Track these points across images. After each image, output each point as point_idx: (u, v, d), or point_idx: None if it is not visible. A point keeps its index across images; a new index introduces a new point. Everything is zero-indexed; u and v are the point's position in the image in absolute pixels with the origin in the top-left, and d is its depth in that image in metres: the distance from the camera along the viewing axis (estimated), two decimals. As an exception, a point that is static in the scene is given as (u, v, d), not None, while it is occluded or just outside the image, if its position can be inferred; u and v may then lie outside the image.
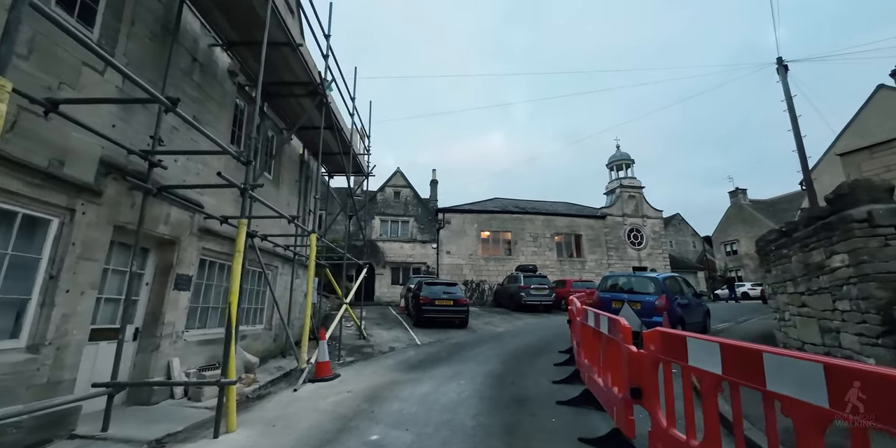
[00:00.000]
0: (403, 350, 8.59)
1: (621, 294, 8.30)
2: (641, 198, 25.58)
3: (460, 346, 8.66)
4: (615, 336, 3.17)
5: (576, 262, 23.51)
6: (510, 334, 10.46)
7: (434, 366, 6.64)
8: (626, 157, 26.44)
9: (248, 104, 7.06)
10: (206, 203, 5.55)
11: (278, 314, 7.28)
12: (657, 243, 25.04)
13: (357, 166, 10.56)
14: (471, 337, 10.15)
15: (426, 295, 12.01)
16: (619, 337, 3.03)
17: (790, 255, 4.91)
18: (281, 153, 8.33)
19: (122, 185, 4.14)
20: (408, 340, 9.83)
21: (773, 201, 34.94)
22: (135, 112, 4.35)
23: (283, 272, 8.25)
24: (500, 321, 13.39)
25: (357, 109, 9.44)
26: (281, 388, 5.68)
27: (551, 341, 8.98)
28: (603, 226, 24.43)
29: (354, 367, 7.01)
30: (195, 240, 5.41)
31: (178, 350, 5.07)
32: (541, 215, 23.99)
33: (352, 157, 9.05)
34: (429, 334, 10.62)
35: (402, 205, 23.32)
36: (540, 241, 23.37)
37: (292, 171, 8.81)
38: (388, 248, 22.24)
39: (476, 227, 22.98)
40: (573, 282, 18.21)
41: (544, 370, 6.03)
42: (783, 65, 14.72)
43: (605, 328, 3.45)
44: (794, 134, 14.22)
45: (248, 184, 4.30)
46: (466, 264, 22.28)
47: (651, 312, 7.63)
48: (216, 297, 6.18)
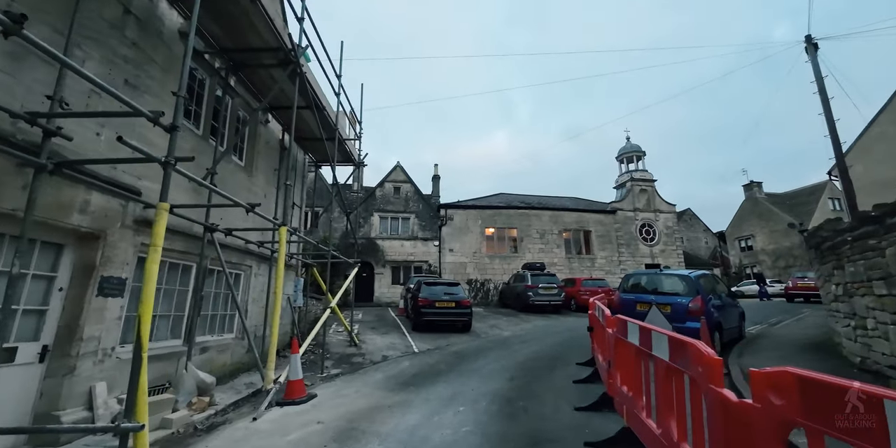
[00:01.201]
0: (398, 360, 7.55)
1: (647, 295, 7.20)
2: (653, 191, 24.35)
3: (462, 356, 7.60)
4: (685, 367, 2.10)
5: (585, 260, 22.36)
6: (518, 339, 9.39)
7: (429, 382, 5.59)
8: (636, 149, 25.20)
9: (211, 76, 6.03)
10: (146, 188, 4.53)
11: (245, 321, 6.26)
12: (670, 239, 23.82)
13: (346, 154, 9.52)
14: (474, 343, 9.09)
15: (425, 296, 10.96)
16: (696, 371, 1.96)
17: (882, 248, 3.83)
18: (256, 137, 7.31)
19: (8, 160, 3.12)
20: (404, 347, 8.80)
21: (790, 195, 33.50)
22: (27, 64, 3.32)
23: (260, 272, 7.23)
24: (507, 324, 12.32)
25: (344, 89, 8.39)
26: (242, 415, 4.66)
27: (566, 349, 7.90)
28: (613, 221, 23.25)
29: (337, 382, 5.98)
30: (131, 234, 4.39)
31: (106, 371, 4.06)
32: (548, 211, 22.84)
33: (337, 141, 8.00)
34: (428, 340, 9.58)
35: (402, 201, 22.28)
36: (547, 238, 22.25)
37: (270, 158, 7.78)
38: (387, 247, 21.23)
39: (480, 224, 21.89)
40: (583, 280, 17.11)
41: (562, 390, 4.96)
42: (812, 43, 13.47)
43: (663, 352, 2.38)
44: (825, 118, 12.97)
45: (170, 156, 3.26)
46: (470, 262, 21.22)
47: (684, 317, 6.53)
48: (169, 304, 5.17)
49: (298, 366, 5.10)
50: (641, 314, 6.93)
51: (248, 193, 6.86)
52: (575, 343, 8.54)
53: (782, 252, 29.56)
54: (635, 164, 25.15)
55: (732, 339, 7.55)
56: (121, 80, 4.30)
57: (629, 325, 3.05)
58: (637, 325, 2.88)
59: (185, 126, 5.40)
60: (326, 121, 7.78)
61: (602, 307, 4.75)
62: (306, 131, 8.28)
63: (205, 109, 5.92)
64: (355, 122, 9.91)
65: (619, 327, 3.36)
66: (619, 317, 3.41)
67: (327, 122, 7.84)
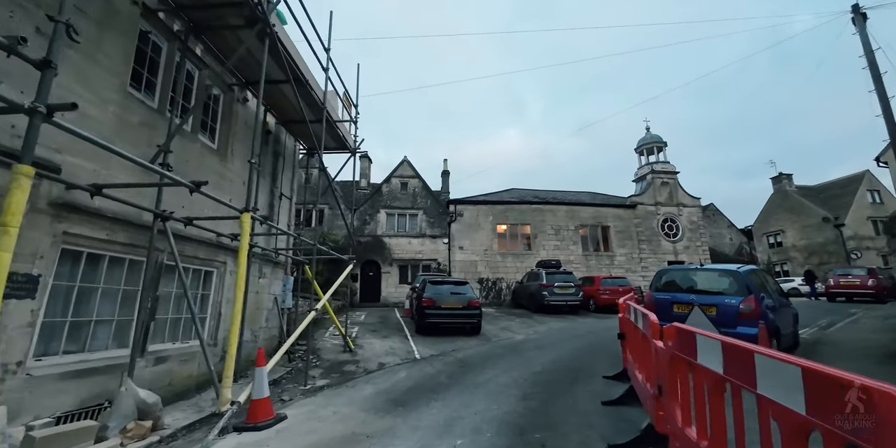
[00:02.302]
0: (394, 369, 6.61)
1: (685, 294, 6.08)
2: (676, 184, 22.90)
3: (468, 365, 6.62)
4: (858, 434, 1.08)
5: (603, 257, 21.08)
6: (533, 345, 8.35)
7: (425, 401, 4.63)
8: (657, 140, 23.76)
9: (169, 41, 5.18)
10: (74, 166, 3.69)
11: (216, 325, 5.39)
12: (695, 235, 22.35)
13: (340, 140, 8.61)
14: (483, 349, 8.10)
15: (430, 296, 10.01)
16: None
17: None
18: (231, 117, 6.46)
19: None
20: (404, 354, 7.86)
21: (822, 187, 31.48)
22: None
23: (237, 270, 6.35)
24: (520, 326, 11.27)
25: (335, 65, 7.48)
26: (192, 442, 3.78)
27: (588, 357, 6.84)
28: (633, 216, 21.90)
29: (318, 398, 5.07)
30: (47, 221, 3.54)
31: (9, 393, 3.21)
32: (563, 205, 21.64)
33: (326, 121, 7.10)
34: (432, 344, 8.63)
35: (409, 197, 21.38)
36: (562, 234, 21.05)
37: (250, 141, 6.89)
38: (394, 245, 20.35)
39: (491, 220, 20.83)
40: (602, 278, 15.91)
41: (589, 415, 3.93)
42: (861, 12, 12.04)
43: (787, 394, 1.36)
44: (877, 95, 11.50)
45: (39, 102, 2.37)
46: (481, 261, 20.18)
47: (733, 320, 5.42)
48: (111, 306, 4.32)
49: (264, 382, 4.20)
50: (679, 317, 5.84)
51: (220, 179, 6.01)
52: (598, 349, 7.47)
53: (815, 248, 27.67)
54: (656, 155, 23.72)
55: (787, 346, 6.38)
56: (31, 28, 3.45)
57: (701, 340, 2.03)
58: (719, 342, 1.85)
59: (133, 95, 4.55)
60: (311, 98, 6.88)
61: (641, 310, 3.70)
62: (291, 112, 7.40)
63: (161, 79, 5.07)
64: (350, 105, 9.00)
65: (679, 341, 2.34)
66: (679, 326, 2.39)
67: (312, 100, 6.94)
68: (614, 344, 7.57)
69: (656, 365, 2.74)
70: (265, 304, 7.26)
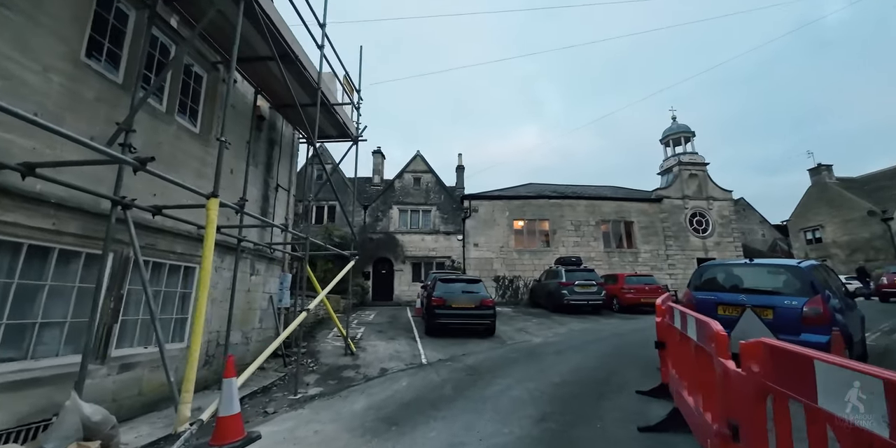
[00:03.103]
0: (396, 376, 5.95)
1: (733, 294, 5.17)
2: (705, 176, 21.49)
3: (478, 372, 5.89)
4: None
5: (627, 254, 19.94)
6: (552, 349, 7.55)
7: (423, 420, 3.92)
8: (684, 130, 22.38)
9: (138, 9, 4.61)
10: (5, 142, 3.13)
11: (180, 329, 4.80)
12: (727, 230, 20.92)
13: (340, 127, 7.98)
14: (496, 353, 7.35)
15: (440, 295, 9.31)
16: None
17: None
18: (216, 98, 5.89)
19: None
20: (410, 358, 7.19)
21: (866, 179, 29.21)
22: None
23: (223, 266, 5.81)
24: (538, 327, 10.45)
25: (331, 43, 6.83)
26: (144, 468, 3.18)
27: (615, 364, 6.01)
28: (659, 210, 20.65)
29: (304, 411, 4.44)
30: (-34, 205, 2.99)
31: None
32: (583, 200, 20.57)
33: (320, 104, 6.46)
34: (441, 347, 7.93)
35: (422, 192, 20.71)
36: (583, 230, 20.01)
37: (238, 126, 6.34)
38: (407, 241, 19.74)
39: (507, 216, 19.96)
40: (627, 276, 14.87)
41: (622, 444, 3.14)
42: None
43: None
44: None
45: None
46: (497, 258, 19.36)
47: (796, 326, 4.50)
48: (57, 307, 3.77)
49: (234, 396, 3.57)
50: (726, 321, 4.94)
51: (202, 166, 5.44)
52: (625, 355, 6.61)
53: (859, 244, 25.66)
54: (683, 146, 22.34)
55: (857, 355, 5.39)
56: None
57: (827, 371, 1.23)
58: (881, 381, 1.07)
59: (89, 66, 3.99)
60: (304, 78, 6.25)
61: (694, 316, 2.88)
62: (284, 95, 6.79)
63: (127, 51, 4.50)
64: (352, 89, 8.36)
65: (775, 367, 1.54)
66: (774, 344, 1.60)
67: (306, 81, 6.31)
68: (644, 349, 6.71)
69: (726, 395, 1.95)
70: (258, 303, 6.70)
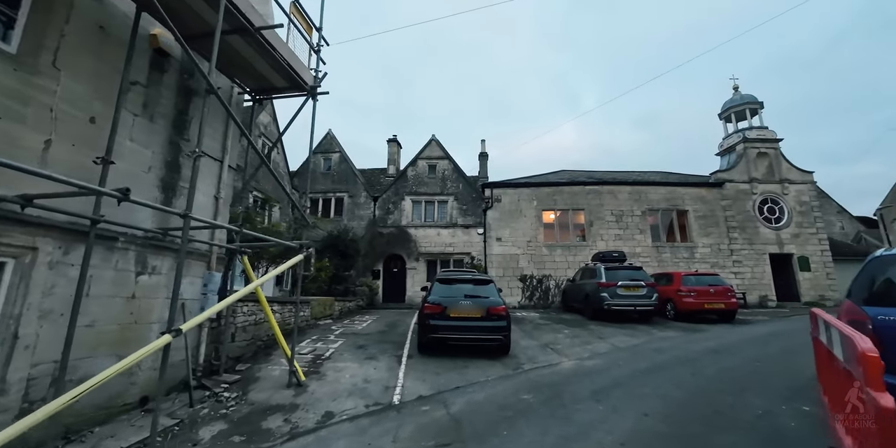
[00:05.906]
0: (337, 430, 3.78)
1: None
2: (778, 155, 17.81)
3: (461, 433, 3.57)
4: None
5: (680, 249, 16.75)
6: (588, 385, 5.09)
7: None
8: (749, 100, 18.74)
9: None
10: None
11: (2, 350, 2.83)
12: (807, 219, 17.17)
13: (287, 74, 5.84)
14: (504, 388, 5.00)
15: (437, 300, 7.07)
16: None
17: None
18: (54, 5, 3.89)
19: None
20: (379, 392, 4.99)
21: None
22: None
23: (66, 260, 3.81)
24: (570, 342, 7.95)
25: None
26: None
27: (703, 423, 3.48)
28: (720, 197, 17.26)
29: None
30: None
31: None
32: (626, 186, 17.55)
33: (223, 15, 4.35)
34: (431, 372, 5.70)
35: (438, 181, 18.50)
36: (626, 221, 17.03)
37: (103, 53, 4.30)
38: (421, 236, 17.60)
39: (536, 206, 17.34)
40: (684, 275, 11.91)
41: None
42: None
43: None
44: None
45: None
46: (524, 254, 16.80)
47: None
48: None
49: None
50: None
51: (20, 105, 3.47)
52: (716, 399, 4.04)
53: (978, 236, 20.83)
54: (748, 120, 18.72)
55: None
56: None
57: None
58: None
59: None
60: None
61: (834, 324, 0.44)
62: (191, 20, 4.74)
63: None
64: (309, 26, 6.24)
65: None
66: None
67: None
68: (748, 381, 4.07)
69: None
70: (156, 314, 4.71)
